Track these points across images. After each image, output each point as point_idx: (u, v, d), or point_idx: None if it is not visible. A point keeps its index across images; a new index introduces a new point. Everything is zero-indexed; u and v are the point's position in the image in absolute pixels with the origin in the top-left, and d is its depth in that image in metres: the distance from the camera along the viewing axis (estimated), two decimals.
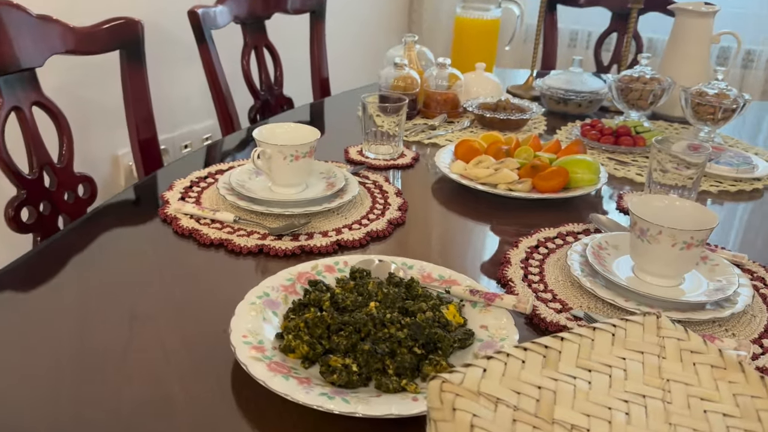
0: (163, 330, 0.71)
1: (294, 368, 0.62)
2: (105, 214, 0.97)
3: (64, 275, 0.80)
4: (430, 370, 0.62)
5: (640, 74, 1.39)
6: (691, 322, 0.73)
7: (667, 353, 0.53)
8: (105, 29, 1.20)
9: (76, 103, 1.51)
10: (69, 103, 1.22)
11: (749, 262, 0.88)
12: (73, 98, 1.51)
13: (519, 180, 1.06)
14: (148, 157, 1.30)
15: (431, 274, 0.78)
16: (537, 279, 0.83)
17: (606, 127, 1.31)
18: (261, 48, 1.66)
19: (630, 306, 0.75)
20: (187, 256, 0.86)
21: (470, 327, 0.70)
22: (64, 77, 1.47)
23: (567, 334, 0.54)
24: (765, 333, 0.74)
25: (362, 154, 1.22)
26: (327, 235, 0.91)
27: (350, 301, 0.68)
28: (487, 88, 1.52)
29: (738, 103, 1.30)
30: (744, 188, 1.16)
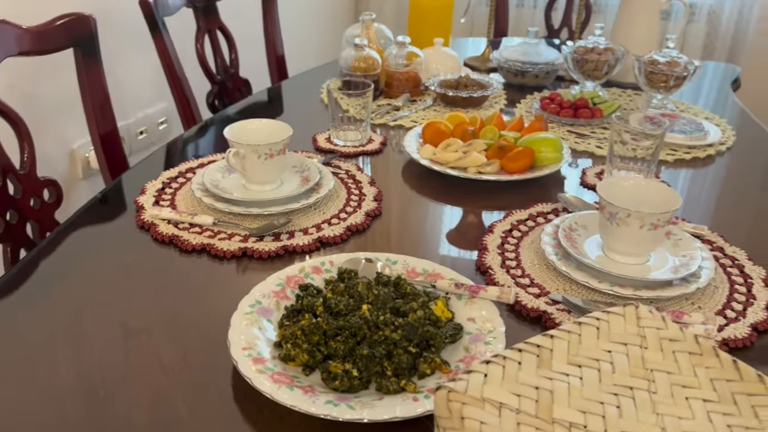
0: (158, 343, 0.72)
1: (296, 376, 0.65)
2: (79, 225, 0.96)
3: (51, 294, 0.80)
4: (426, 368, 0.66)
5: (594, 45, 1.42)
6: (661, 299, 0.78)
7: (648, 343, 0.57)
8: (57, 27, 1.17)
9: (25, 99, 1.47)
10: (19, 101, 1.19)
11: (709, 233, 0.94)
12: (22, 95, 1.46)
13: (487, 162, 1.09)
14: (110, 151, 1.28)
15: (415, 269, 0.81)
16: (514, 264, 0.87)
17: (565, 100, 1.35)
18: (214, 31, 1.63)
19: (603, 287, 0.79)
20: (170, 264, 0.87)
21: (458, 320, 0.73)
22: (12, 75, 1.42)
23: (556, 332, 0.58)
24: (728, 303, 0.80)
25: (330, 141, 1.23)
26: (308, 232, 0.92)
27: (343, 305, 0.71)
28: (447, 63, 1.53)
29: (688, 70, 1.35)
30: (698, 155, 1.22)
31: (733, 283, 0.84)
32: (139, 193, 1.02)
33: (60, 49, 1.19)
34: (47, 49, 1.16)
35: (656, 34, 1.55)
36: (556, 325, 0.75)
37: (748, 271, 0.86)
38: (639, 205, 0.83)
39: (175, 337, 0.73)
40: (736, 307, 0.79)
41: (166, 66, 1.44)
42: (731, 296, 0.81)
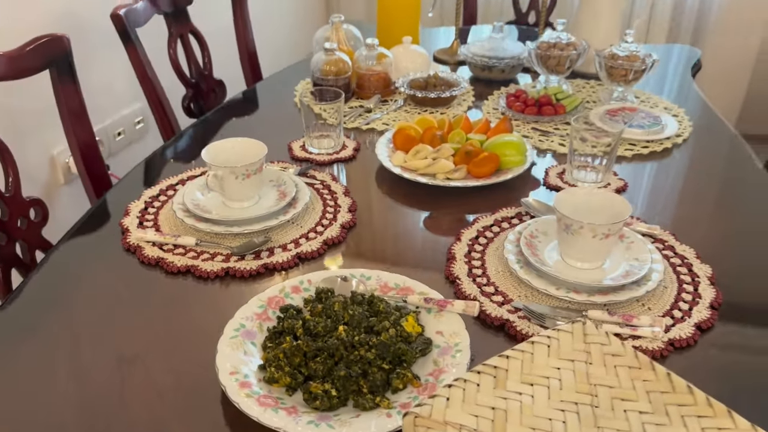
0: (152, 368, 0.78)
1: (280, 398, 0.71)
2: (68, 250, 1.01)
3: (46, 323, 0.85)
4: (399, 383, 0.72)
5: (557, 41, 1.47)
6: (613, 303, 0.85)
7: (592, 358, 0.64)
8: (32, 50, 1.19)
9: (2, 109, 1.49)
10: None
11: (661, 232, 1.01)
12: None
13: (455, 168, 1.15)
14: (89, 162, 1.31)
15: (388, 284, 0.87)
16: (480, 272, 0.93)
17: (529, 98, 1.40)
18: (186, 35, 1.65)
19: (560, 294, 0.86)
20: (156, 287, 0.92)
21: (428, 334, 0.80)
22: None
23: (511, 352, 0.64)
24: (675, 304, 0.87)
25: (305, 149, 1.28)
26: (286, 249, 0.98)
27: (321, 326, 0.77)
28: (416, 61, 1.58)
29: (647, 63, 1.41)
30: (655, 149, 1.28)
31: (682, 282, 0.91)
32: (123, 215, 1.07)
33: (37, 71, 1.22)
34: (23, 74, 1.19)
35: (618, 24, 1.60)
36: (518, 332, 0.82)
37: (696, 269, 0.93)
38: (593, 214, 0.89)
39: (166, 361, 0.79)
40: (683, 307, 0.86)
41: (140, 76, 1.48)
42: (679, 296, 0.88)
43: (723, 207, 1.11)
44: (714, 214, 1.10)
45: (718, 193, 1.15)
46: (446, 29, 2.07)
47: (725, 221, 1.07)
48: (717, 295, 0.88)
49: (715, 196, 1.14)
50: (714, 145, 1.32)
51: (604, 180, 1.15)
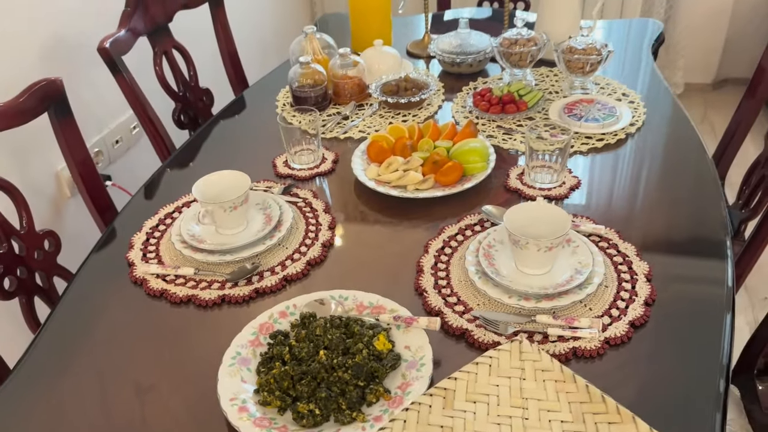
0: (166, 397, 0.92)
1: (273, 418, 0.85)
2: (82, 288, 1.14)
3: (70, 361, 0.99)
4: (372, 398, 0.86)
5: (518, 37, 1.56)
6: (558, 308, 0.98)
7: (526, 374, 0.78)
8: (29, 98, 1.29)
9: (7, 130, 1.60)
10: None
11: (606, 231, 1.12)
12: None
13: (424, 178, 1.26)
14: (89, 184, 1.43)
15: (363, 303, 1.00)
16: (445, 283, 1.06)
17: (494, 96, 1.50)
18: (170, 52, 1.75)
19: (512, 302, 0.98)
20: (162, 317, 1.06)
21: (398, 349, 0.93)
22: None
23: (458, 374, 0.78)
24: (614, 302, 1.00)
25: (288, 165, 1.39)
26: (274, 272, 1.11)
27: (305, 352, 0.90)
28: (388, 62, 1.67)
29: (602, 55, 1.50)
30: (609, 141, 1.39)
31: (621, 281, 1.03)
32: (128, 248, 1.19)
33: (36, 116, 1.32)
34: (24, 121, 1.30)
35: (578, 16, 1.68)
36: (476, 340, 0.95)
37: (635, 267, 1.05)
38: (540, 226, 1.01)
39: (179, 389, 0.93)
40: (620, 305, 0.99)
41: (131, 102, 1.58)
42: (618, 294, 1.01)
43: (665, 200, 1.22)
44: (656, 208, 1.21)
45: (663, 185, 1.26)
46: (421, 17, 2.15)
47: (666, 214, 1.19)
48: (651, 292, 1.00)
49: (659, 187, 1.25)
50: (664, 133, 1.42)
51: (559, 179, 1.26)
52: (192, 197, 1.31)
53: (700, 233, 1.13)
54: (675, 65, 3.28)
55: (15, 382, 0.97)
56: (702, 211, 1.18)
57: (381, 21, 1.82)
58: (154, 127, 1.62)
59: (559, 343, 0.93)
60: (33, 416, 0.91)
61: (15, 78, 1.51)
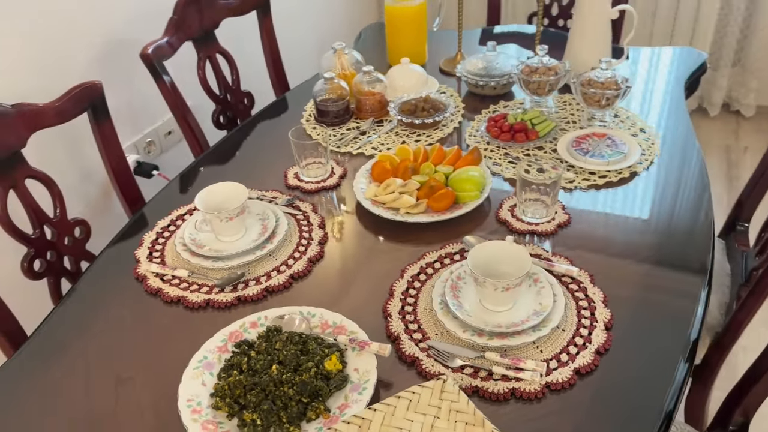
0: (138, 391, 1.02)
1: (221, 423, 0.94)
2: (92, 280, 1.27)
3: (66, 349, 1.11)
4: (312, 414, 0.93)
5: (538, 65, 1.57)
6: (508, 347, 1.02)
7: (441, 413, 0.83)
8: (71, 99, 1.43)
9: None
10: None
11: (579, 273, 1.14)
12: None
13: (416, 203, 1.31)
14: (125, 189, 1.57)
15: (327, 322, 1.07)
16: (410, 309, 1.11)
17: (506, 123, 1.52)
18: (214, 57, 1.86)
19: (465, 336, 1.03)
20: (154, 314, 1.16)
21: (348, 370, 1.00)
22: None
23: (379, 405, 0.84)
24: (566, 347, 1.02)
25: (298, 177, 1.47)
26: (259, 281, 1.19)
27: (260, 364, 0.98)
28: (412, 80, 1.72)
29: (620, 89, 1.49)
30: (612, 179, 1.39)
31: (580, 326, 1.06)
32: (138, 245, 1.31)
33: (75, 116, 1.46)
34: (65, 120, 1.44)
35: (608, 43, 1.67)
36: (423, 370, 1.00)
37: (597, 314, 1.07)
38: (503, 266, 1.05)
39: (151, 385, 1.03)
40: (572, 351, 1.02)
41: (171, 106, 1.70)
42: (572, 339, 1.03)
43: (649, 247, 1.22)
44: (637, 254, 1.20)
45: (652, 231, 1.26)
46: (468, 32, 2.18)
47: (645, 262, 1.19)
48: (606, 341, 1.02)
49: (647, 233, 1.25)
50: (672, 175, 1.40)
51: (549, 214, 1.28)
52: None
53: (674, 286, 1.13)
54: (747, 86, 3.14)
55: (14, 364, 1.10)
56: (684, 265, 1.17)
57: (416, 35, 1.87)
58: (190, 128, 1.74)
59: (501, 382, 0.97)
60: (24, 398, 1.03)
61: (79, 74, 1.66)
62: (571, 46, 1.69)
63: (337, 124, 1.66)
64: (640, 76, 1.79)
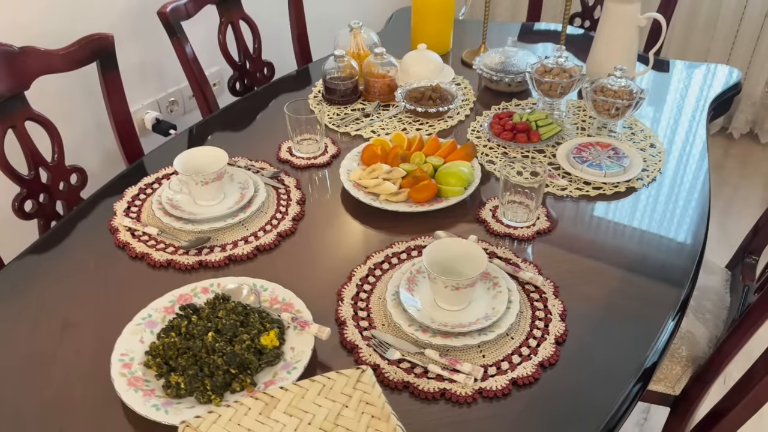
0: (82, 338, 1.04)
1: (148, 381, 0.94)
2: (71, 225, 1.29)
3: (27, 287, 1.14)
4: (237, 387, 0.93)
5: (554, 66, 1.52)
6: (449, 347, 0.99)
7: (351, 403, 0.81)
8: (80, 48, 1.46)
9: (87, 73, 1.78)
10: (82, 74, 1.49)
11: (543, 283, 1.10)
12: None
13: (398, 191, 1.29)
14: (126, 141, 1.59)
15: (277, 297, 1.07)
16: (365, 296, 1.10)
17: (509, 122, 1.48)
18: (237, 22, 1.86)
19: (410, 330, 1.00)
20: (118, 267, 1.18)
21: (284, 348, 0.99)
22: None
23: (291, 386, 0.82)
24: (510, 356, 0.99)
25: (291, 152, 1.47)
26: (224, 249, 1.19)
27: (198, 330, 0.98)
28: (428, 67, 1.68)
29: (633, 99, 1.43)
30: (606, 192, 1.33)
31: (529, 336, 1.02)
32: (120, 198, 1.33)
33: (83, 65, 1.48)
34: (72, 67, 1.46)
35: (634, 51, 1.60)
36: (360, 358, 0.99)
37: (551, 327, 1.03)
38: (460, 265, 1.02)
39: (94, 334, 1.04)
40: (514, 360, 0.98)
41: (184, 66, 1.71)
42: (518, 349, 1.00)
43: (626, 268, 1.16)
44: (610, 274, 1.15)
45: (634, 251, 1.20)
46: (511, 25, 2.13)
47: (618, 282, 1.13)
48: (552, 356, 0.99)
49: (629, 253, 1.20)
50: (672, 196, 1.34)
51: (530, 219, 1.24)
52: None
53: (641, 311, 1.08)
54: None
55: None
56: (657, 290, 1.12)
57: (441, 23, 1.83)
58: (202, 91, 1.75)
59: (434, 381, 0.95)
60: None
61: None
62: (594, 52, 1.63)
63: (343, 103, 1.64)
64: (664, 89, 1.71)
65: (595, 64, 1.62)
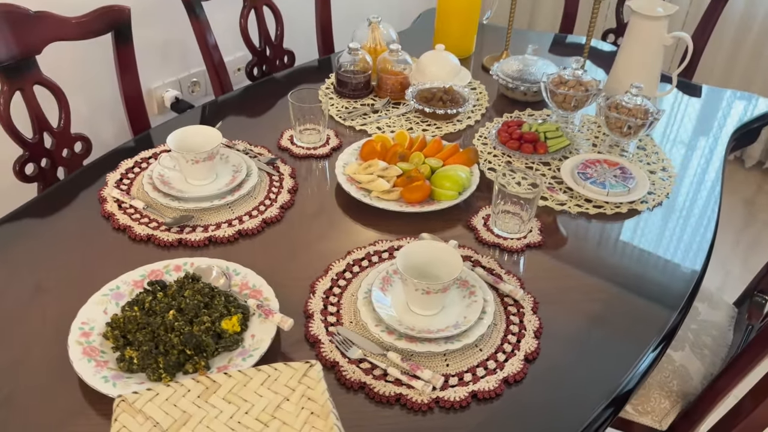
0: (47, 303, 1.03)
1: (103, 352, 0.93)
2: (64, 191, 1.29)
3: (10, 247, 1.14)
4: (190, 368, 0.91)
5: (570, 78, 1.47)
6: (412, 352, 0.96)
7: (293, 396, 0.78)
8: (96, 17, 1.46)
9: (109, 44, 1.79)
10: (103, 45, 1.51)
11: (523, 297, 1.06)
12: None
13: (391, 189, 1.26)
14: (135, 116, 1.60)
15: (248, 283, 1.05)
16: (338, 291, 1.07)
17: (516, 131, 1.44)
18: (261, 8, 1.85)
19: (376, 330, 0.98)
20: (99, 237, 1.17)
21: (245, 335, 0.97)
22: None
23: (234, 372, 0.80)
24: (475, 368, 0.95)
25: (292, 140, 1.45)
26: (207, 230, 1.18)
27: (160, 306, 0.97)
28: (443, 68, 1.65)
29: (647, 118, 1.38)
30: (606, 211, 1.28)
31: (499, 350, 0.98)
32: (115, 169, 1.33)
33: (98, 35, 1.49)
34: (87, 36, 1.47)
35: (657, 70, 1.54)
36: (321, 353, 0.96)
37: (522, 343, 0.99)
38: (436, 269, 0.99)
39: (62, 301, 1.03)
40: (479, 373, 0.94)
41: (201, 46, 1.71)
42: (484, 362, 0.96)
43: (613, 294, 1.12)
44: (595, 297, 1.10)
45: (623, 277, 1.15)
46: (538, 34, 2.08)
47: (599, 306, 1.08)
48: (518, 372, 0.95)
49: (619, 279, 1.15)
50: (674, 224, 1.28)
51: (522, 231, 1.20)
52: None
53: (623, 337, 1.03)
54: None
55: None
56: (643, 318, 1.07)
57: (465, 25, 1.80)
58: (216, 73, 1.75)
59: (392, 385, 0.92)
60: None
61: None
62: (616, 67, 1.57)
63: (354, 96, 1.62)
64: (689, 113, 1.65)
65: (615, 80, 1.57)
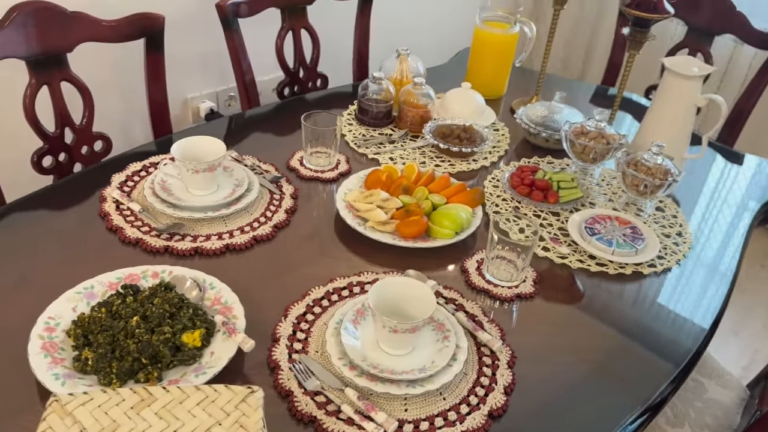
0: (29, 296, 1.04)
1: (62, 349, 0.93)
2: (71, 187, 1.31)
3: (10, 237, 1.16)
4: (141, 377, 0.90)
5: (592, 129, 1.43)
6: (370, 391, 0.92)
7: (226, 421, 0.76)
8: (129, 23, 1.50)
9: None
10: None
11: (500, 349, 1.01)
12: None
13: (388, 221, 1.24)
14: (158, 122, 1.63)
15: (220, 299, 1.03)
16: (311, 318, 1.04)
17: (528, 177, 1.40)
18: (298, 30, 1.87)
19: (339, 364, 0.94)
20: (92, 236, 1.18)
21: (206, 351, 0.95)
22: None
23: (172, 388, 0.78)
24: (433, 417, 0.91)
25: (301, 162, 1.44)
26: (196, 240, 1.18)
27: (126, 311, 0.96)
28: (468, 106, 1.63)
29: (666, 180, 1.32)
30: (609, 271, 1.22)
31: (464, 402, 0.93)
32: (123, 170, 1.34)
33: (130, 39, 1.53)
34: (118, 39, 1.50)
35: (687, 131, 1.48)
36: (278, 380, 0.94)
37: (490, 398, 0.94)
38: (411, 308, 0.96)
39: (44, 293, 1.02)
40: (437, 423, 0.90)
41: (234, 62, 1.74)
42: (445, 412, 0.92)
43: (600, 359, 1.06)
44: (582, 357, 1.05)
45: (619, 339, 1.09)
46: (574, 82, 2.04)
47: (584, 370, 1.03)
48: (479, 429, 0.90)
49: (614, 341, 1.09)
50: (679, 291, 1.21)
51: (516, 280, 1.15)
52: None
53: (603, 403, 0.97)
54: None
55: None
56: (628, 386, 1.00)
57: (497, 66, 1.78)
58: (246, 90, 1.77)
59: (344, 423, 0.88)
60: None
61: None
62: (645, 124, 1.52)
63: (373, 125, 1.61)
64: (721, 179, 1.58)
65: (643, 136, 1.51)
